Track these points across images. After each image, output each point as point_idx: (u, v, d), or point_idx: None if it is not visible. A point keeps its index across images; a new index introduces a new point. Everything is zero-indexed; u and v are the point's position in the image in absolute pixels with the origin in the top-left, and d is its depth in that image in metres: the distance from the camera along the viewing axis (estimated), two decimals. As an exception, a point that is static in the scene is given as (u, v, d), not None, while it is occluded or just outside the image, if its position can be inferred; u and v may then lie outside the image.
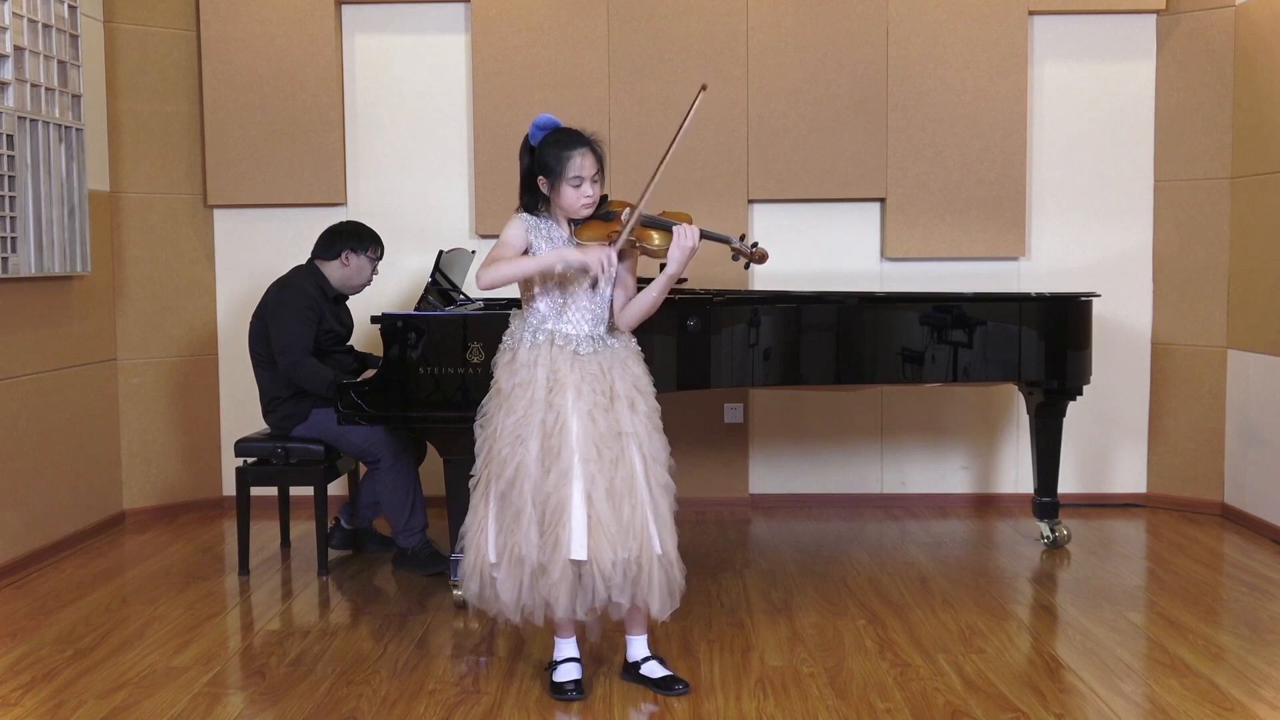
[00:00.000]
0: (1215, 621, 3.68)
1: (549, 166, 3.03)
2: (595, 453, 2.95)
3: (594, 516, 2.93)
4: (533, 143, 3.10)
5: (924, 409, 5.39)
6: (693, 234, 3.03)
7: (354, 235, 4.43)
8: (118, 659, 3.40)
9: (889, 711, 2.97)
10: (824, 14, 5.19)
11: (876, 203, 5.31)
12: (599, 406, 2.98)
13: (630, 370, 3.08)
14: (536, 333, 3.05)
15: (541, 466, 2.96)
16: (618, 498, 2.95)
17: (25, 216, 4.32)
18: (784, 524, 5.09)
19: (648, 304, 3.14)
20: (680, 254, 3.03)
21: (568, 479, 2.94)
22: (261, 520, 4.76)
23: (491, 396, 3.09)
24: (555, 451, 2.95)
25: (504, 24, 5.21)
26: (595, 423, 2.97)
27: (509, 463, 2.97)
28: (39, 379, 4.52)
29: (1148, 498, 5.37)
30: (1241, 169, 5.00)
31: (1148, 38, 5.25)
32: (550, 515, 2.94)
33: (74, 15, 4.63)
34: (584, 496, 2.93)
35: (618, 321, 3.16)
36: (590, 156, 3.03)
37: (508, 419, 2.99)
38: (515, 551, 2.95)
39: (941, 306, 4.31)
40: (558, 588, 2.93)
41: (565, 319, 3.06)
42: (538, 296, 3.07)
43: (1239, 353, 5.03)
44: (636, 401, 3.04)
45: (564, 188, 3.02)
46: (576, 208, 3.04)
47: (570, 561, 2.91)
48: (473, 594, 3.07)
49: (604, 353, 3.06)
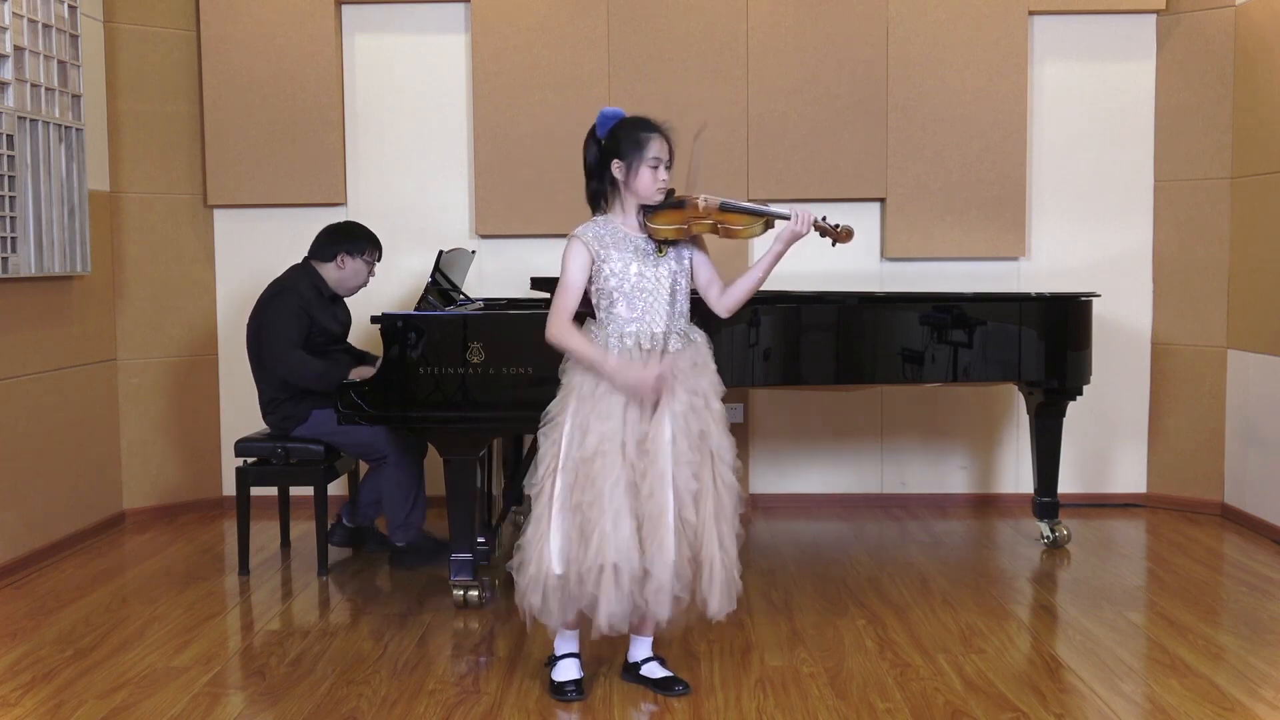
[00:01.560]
0: (1215, 621, 3.68)
1: (626, 150, 2.97)
2: (687, 455, 2.93)
3: (680, 518, 2.92)
4: (600, 134, 3.03)
5: (924, 409, 5.39)
6: (807, 220, 3.03)
7: (350, 238, 4.43)
8: (118, 659, 3.40)
9: (889, 711, 2.97)
10: (824, 14, 5.19)
11: (876, 203, 5.31)
12: (693, 408, 2.96)
13: (709, 368, 3.05)
14: (623, 337, 2.99)
15: (636, 471, 2.92)
16: (700, 499, 2.95)
17: (25, 216, 4.32)
18: (784, 524, 5.09)
19: (753, 284, 3.11)
20: (790, 236, 3.04)
21: (664, 483, 2.90)
22: (261, 520, 4.75)
23: (564, 402, 3.00)
24: (652, 456, 2.92)
25: (504, 24, 5.21)
26: (688, 425, 2.95)
27: (601, 470, 2.90)
28: (39, 379, 4.52)
29: (1148, 498, 5.37)
30: (1241, 169, 5.00)
31: (1148, 38, 5.25)
32: (650, 520, 2.90)
33: (74, 15, 4.63)
34: (675, 500, 2.92)
35: (719, 305, 3.13)
36: (665, 141, 3.01)
37: (600, 425, 2.92)
38: (610, 560, 2.87)
39: (941, 306, 4.31)
40: (663, 592, 2.89)
41: (651, 318, 3.01)
42: (615, 300, 3.01)
43: (1239, 353, 5.03)
44: (711, 400, 3.02)
45: (642, 169, 2.98)
46: (652, 191, 2.99)
47: (672, 563, 2.89)
48: (534, 607, 2.98)
49: (690, 349, 3.03)
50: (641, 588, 2.91)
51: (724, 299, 3.13)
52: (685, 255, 3.08)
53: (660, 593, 2.90)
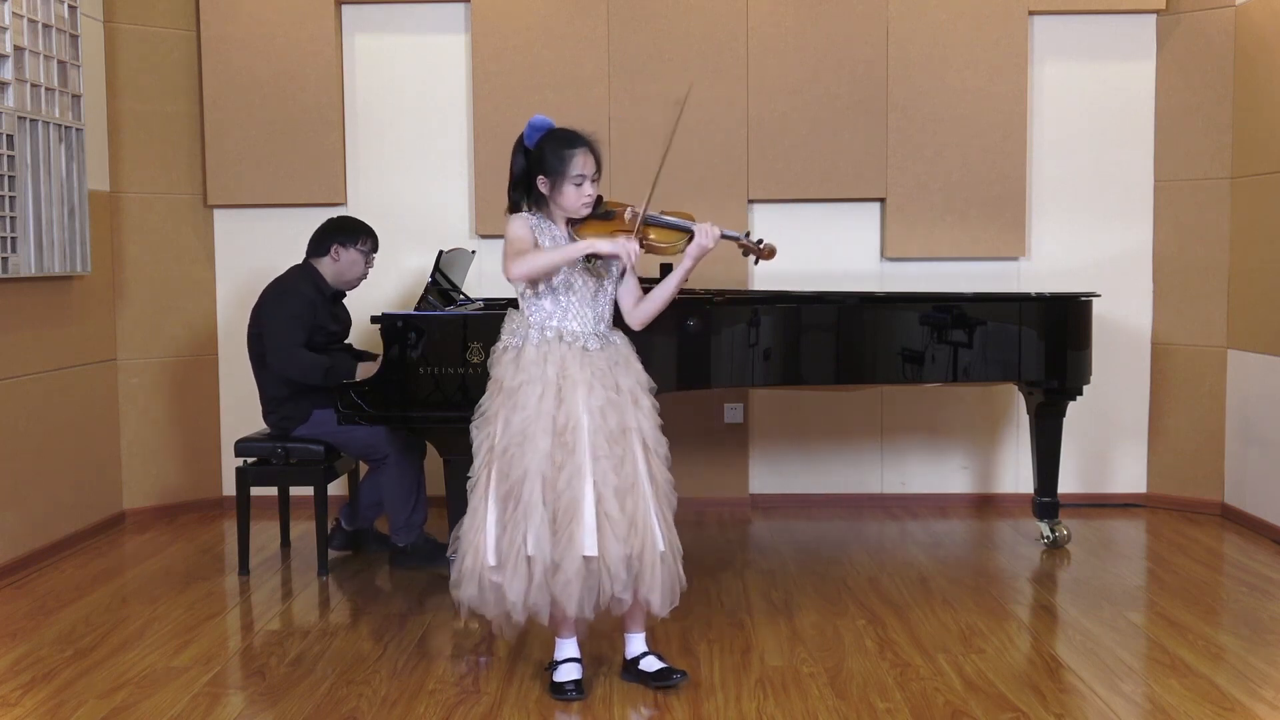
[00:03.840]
0: (1215, 621, 3.68)
1: (550, 166, 3.03)
2: (605, 449, 2.96)
3: (602, 513, 2.93)
4: (528, 144, 3.10)
5: (924, 409, 5.39)
6: (712, 234, 3.07)
7: (340, 229, 4.43)
8: (118, 659, 3.40)
9: (889, 711, 2.97)
10: (824, 14, 5.19)
11: (876, 203, 5.31)
12: (610, 403, 2.99)
13: (633, 366, 3.11)
14: (544, 330, 3.05)
15: (553, 463, 2.95)
16: (624, 494, 2.97)
17: (25, 216, 4.32)
18: (784, 524, 5.09)
19: (661, 301, 3.17)
20: (698, 251, 3.06)
21: (580, 476, 2.94)
22: (261, 520, 4.75)
23: (492, 395, 3.07)
24: (569, 448, 2.95)
25: (504, 24, 5.21)
26: (606, 419, 2.98)
27: (517, 461, 2.95)
28: (39, 379, 4.52)
29: (1148, 498, 5.37)
30: (1241, 169, 5.00)
31: (1148, 38, 5.24)
32: (563, 513, 2.93)
33: (74, 15, 4.63)
34: (594, 493, 2.93)
35: (631, 319, 3.18)
36: (591, 155, 3.05)
37: (515, 416, 2.97)
38: (524, 550, 2.93)
39: (941, 306, 4.31)
40: (571, 585, 2.92)
41: (571, 316, 3.07)
42: (542, 294, 3.06)
43: (1239, 353, 5.03)
44: (640, 397, 3.06)
45: (566, 186, 3.03)
46: (577, 206, 3.05)
47: (583, 558, 2.92)
48: (470, 597, 3.03)
49: (609, 349, 3.09)
50: (550, 580, 2.93)
51: (636, 312, 3.19)
52: (613, 264, 3.13)
53: (568, 586, 2.92)
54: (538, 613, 3.00)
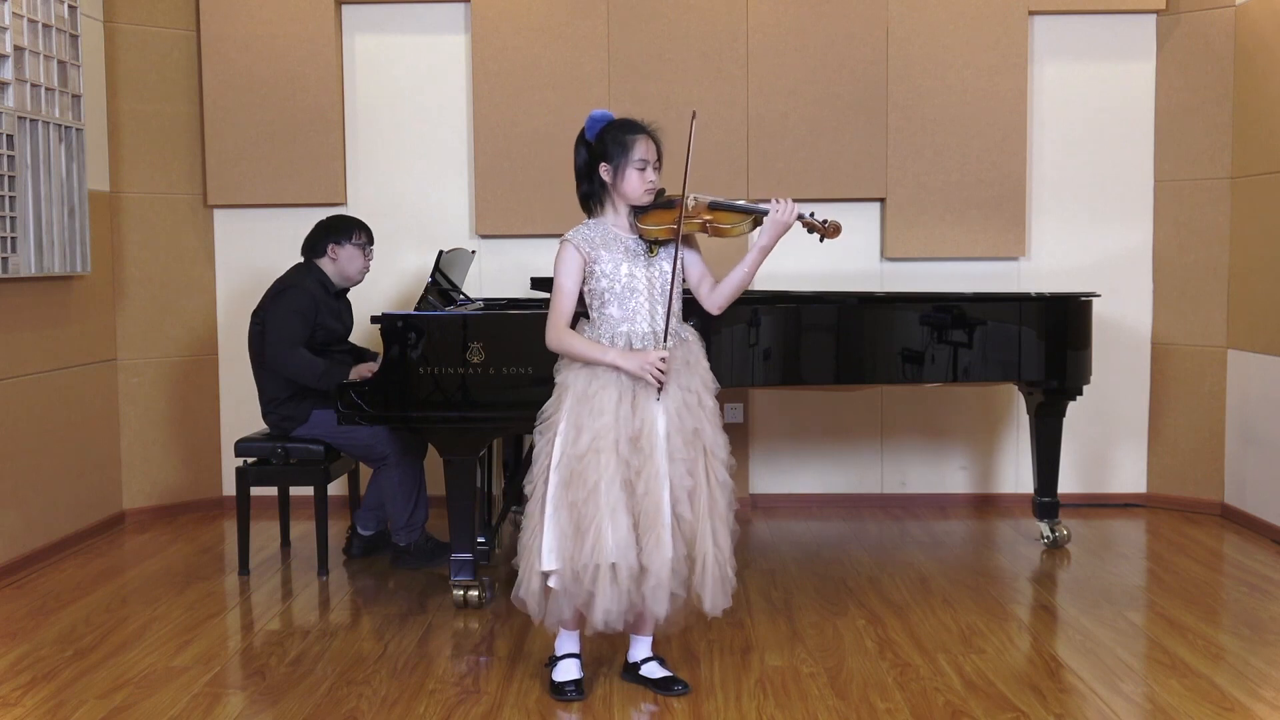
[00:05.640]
0: (1215, 621, 3.68)
1: (612, 153, 3.00)
2: (681, 451, 2.95)
3: (676, 515, 2.93)
4: (589, 136, 3.05)
5: (924, 409, 5.39)
6: (790, 210, 3.02)
7: (333, 228, 4.43)
8: (118, 659, 3.40)
9: (889, 711, 2.97)
10: (824, 14, 5.19)
11: (876, 203, 5.31)
12: (686, 405, 2.98)
13: (700, 365, 3.07)
14: (614, 337, 3.01)
15: (630, 468, 2.93)
16: (694, 496, 2.97)
17: (25, 216, 4.32)
18: (784, 524, 5.09)
19: (738, 281, 3.11)
20: (776, 229, 3.02)
21: (660, 480, 2.92)
22: (261, 520, 4.76)
23: (559, 401, 3.01)
24: (646, 453, 2.93)
25: (504, 24, 5.21)
26: (682, 421, 2.96)
27: (593, 467, 2.91)
28: (39, 379, 4.52)
29: (1148, 498, 5.37)
30: (1241, 169, 5.00)
31: (1148, 38, 5.25)
32: (646, 516, 2.91)
33: (74, 15, 4.63)
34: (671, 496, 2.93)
35: (710, 302, 3.14)
36: (652, 142, 3.03)
37: (592, 421, 2.93)
38: (608, 558, 2.88)
39: (941, 306, 4.31)
40: (661, 589, 2.91)
41: (640, 318, 3.02)
42: (608, 302, 3.03)
43: (1239, 353, 5.03)
44: (704, 398, 3.03)
45: (629, 172, 3.00)
46: (640, 192, 3.02)
47: (669, 560, 2.90)
48: (528, 605, 3.01)
49: (682, 348, 3.04)
50: (639, 585, 2.92)
51: (714, 295, 3.14)
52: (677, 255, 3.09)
53: (658, 590, 2.91)
54: (615, 619, 2.96)
